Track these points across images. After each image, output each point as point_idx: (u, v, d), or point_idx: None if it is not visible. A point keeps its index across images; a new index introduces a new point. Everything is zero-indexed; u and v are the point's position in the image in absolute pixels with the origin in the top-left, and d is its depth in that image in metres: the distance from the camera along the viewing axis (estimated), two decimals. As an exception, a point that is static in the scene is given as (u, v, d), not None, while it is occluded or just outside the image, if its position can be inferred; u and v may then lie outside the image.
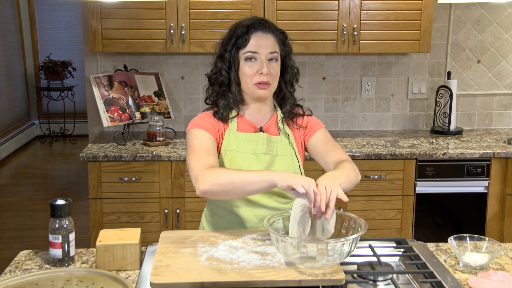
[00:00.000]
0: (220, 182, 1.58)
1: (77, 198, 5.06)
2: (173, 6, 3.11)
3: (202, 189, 1.59)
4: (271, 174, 1.56)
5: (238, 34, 1.80)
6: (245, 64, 1.80)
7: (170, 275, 1.40)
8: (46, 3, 7.92)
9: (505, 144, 3.31)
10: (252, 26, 1.80)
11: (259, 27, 1.80)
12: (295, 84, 1.94)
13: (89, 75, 3.33)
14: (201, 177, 1.60)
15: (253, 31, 1.80)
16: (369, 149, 3.15)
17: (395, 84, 3.69)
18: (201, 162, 1.66)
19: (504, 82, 3.75)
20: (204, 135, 1.78)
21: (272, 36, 1.81)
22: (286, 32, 1.88)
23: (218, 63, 1.85)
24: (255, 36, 1.79)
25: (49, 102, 7.54)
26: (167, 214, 3.05)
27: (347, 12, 3.19)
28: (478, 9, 3.63)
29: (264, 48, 1.78)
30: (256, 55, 1.79)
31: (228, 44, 1.82)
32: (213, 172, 1.60)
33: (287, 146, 1.86)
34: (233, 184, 1.57)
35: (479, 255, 1.63)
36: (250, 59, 1.79)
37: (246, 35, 1.79)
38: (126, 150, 3.04)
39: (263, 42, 1.79)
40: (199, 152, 1.71)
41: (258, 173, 1.59)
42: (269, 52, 1.79)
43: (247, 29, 1.80)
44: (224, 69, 1.83)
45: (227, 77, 1.84)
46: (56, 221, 1.59)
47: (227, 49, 1.82)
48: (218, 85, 1.87)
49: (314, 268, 1.42)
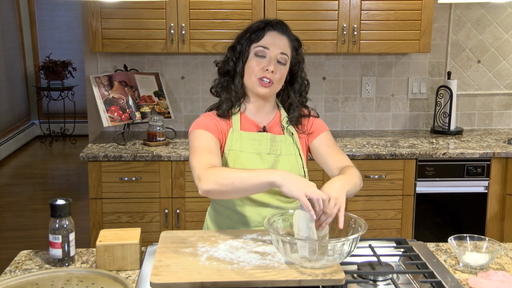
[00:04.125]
0: (220, 181, 1.57)
1: (77, 198, 5.06)
2: (173, 6, 3.11)
3: (204, 188, 1.58)
4: (271, 175, 1.54)
5: (253, 29, 1.83)
6: (254, 59, 1.81)
7: (170, 275, 1.40)
8: (46, 3, 7.92)
9: (505, 144, 3.31)
10: (270, 24, 1.82)
11: (277, 26, 1.82)
12: (305, 96, 1.93)
13: (89, 75, 3.33)
14: (203, 176, 1.59)
15: (269, 29, 1.82)
16: (369, 149, 3.15)
17: (395, 84, 3.69)
18: (203, 161, 1.66)
19: (504, 82, 3.75)
20: (206, 135, 1.78)
21: (287, 39, 1.83)
22: (301, 41, 1.89)
23: (228, 53, 1.87)
24: (270, 34, 1.81)
25: (49, 102, 7.54)
26: (167, 214, 3.05)
27: (347, 12, 3.19)
28: (478, 9, 3.63)
29: (276, 46, 1.79)
30: (266, 51, 1.79)
31: (243, 37, 1.84)
32: (215, 172, 1.59)
33: (291, 145, 1.86)
34: (233, 185, 1.56)
35: (479, 255, 1.63)
36: (260, 55, 1.80)
37: (262, 31, 1.81)
38: (126, 150, 3.04)
39: (276, 41, 1.80)
40: (202, 152, 1.71)
41: (258, 174, 1.56)
42: (279, 52, 1.80)
43: (264, 25, 1.82)
44: (232, 59, 1.85)
45: (233, 67, 1.85)
46: (56, 221, 1.59)
47: (240, 41, 1.84)
48: (223, 74, 1.88)
49: (314, 268, 1.42)
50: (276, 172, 1.55)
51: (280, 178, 1.52)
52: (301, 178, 1.53)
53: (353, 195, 1.68)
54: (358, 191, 1.73)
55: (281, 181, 1.51)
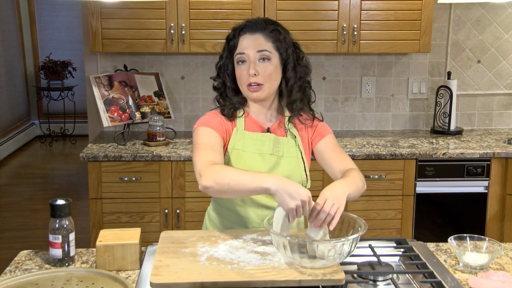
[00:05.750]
0: (218, 180, 1.57)
1: (77, 198, 5.06)
2: (173, 6, 3.11)
3: (204, 184, 1.58)
4: (266, 182, 1.51)
5: (229, 38, 1.82)
6: (237, 68, 1.80)
7: (170, 275, 1.40)
8: (46, 3, 7.92)
9: (505, 144, 3.31)
10: (240, 29, 1.80)
11: (247, 28, 1.79)
12: (306, 78, 1.85)
13: (89, 75, 3.33)
14: (204, 173, 1.60)
15: (241, 34, 1.79)
16: (369, 149, 3.15)
17: (395, 84, 3.69)
18: (205, 158, 1.66)
19: (504, 82, 3.75)
20: (210, 133, 1.78)
21: (262, 35, 1.78)
22: (282, 28, 1.82)
23: (219, 72, 1.87)
24: (242, 38, 1.79)
25: (49, 102, 7.54)
26: (167, 214, 3.05)
27: (347, 12, 3.19)
28: (478, 9, 3.63)
29: (251, 48, 1.77)
30: (244, 56, 1.78)
31: (224, 50, 1.84)
32: (215, 170, 1.59)
33: (294, 147, 1.86)
34: (229, 185, 1.56)
35: (479, 255, 1.63)
36: (241, 62, 1.79)
37: (235, 39, 1.80)
38: (126, 150, 3.04)
39: (249, 43, 1.77)
40: (205, 149, 1.71)
41: (254, 178, 1.54)
42: (256, 51, 1.76)
43: (235, 33, 1.81)
44: (222, 77, 1.85)
45: (221, 82, 1.86)
46: (56, 221, 1.59)
47: (222, 55, 1.85)
48: (216, 90, 1.89)
49: (314, 268, 1.42)
50: (272, 179, 1.52)
51: (274, 187, 1.50)
52: (295, 187, 1.49)
53: (355, 198, 1.68)
54: (361, 194, 1.72)
55: (275, 190, 1.50)
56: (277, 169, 1.82)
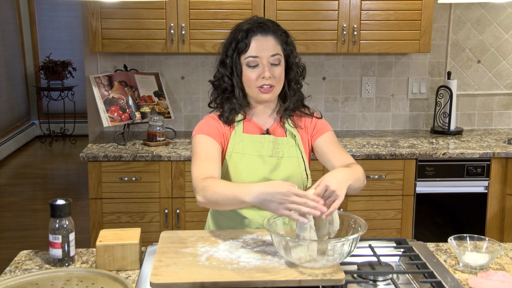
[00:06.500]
0: (208, 198, 1.61)
1: (77, 198, 5.06)
2: (173, 6, 3.11)
3: (198, 200, 1.65)
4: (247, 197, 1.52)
5: (238, 39, 1.78)
6: (248, 70, 1.78)
7: (170, 275, 1.40)
8: (46, 3, 7.92)
9: (505, 144, 3.31)
10: (251, 30, 1.78)
11: (258, 30, 1.78)
12: (301, 81, 1.90)
13: (89, 75, 3.33)
14: (197, 189, 1.66)
15: (252, 35, 1.77)
16: (369, 149, 3.15)
17: (395, 84, 3.69)
18: (200, 171, 1.70)
19: (504, 82, 3.75)
20: (207, 141, 1.78)
21: (273, 37, 1.79)
22: (287, 31, 1.86)
23: (220, 69, 1.84)
24: (255, 40, 1.77)
25: (49, 102, 7.54)
26: (167, 214, 3.05)
27: (347, 12, 3.19)
28: (478, 9, 3.63)
29: (265, 51, 1.77)
30: (257, 59, 1.77)
31: (229, 49, 1.81)
32: (205, 186, 1.63)
33: (293, 147, 1.86)
34: (217, 202, 1.61)
35: (479, 255, 1.63)
36: (253, 66, 1.77)
37: (246, 40, 1.77)
38: (126, 150, 3.04)
39: (263, 45, 1.77)
40: (201, 159, 1.74)
41: (237, 194, 1.54)
42: (270, 55, 1.77)
43: (246, 34, 1.78)
44: (226, 75, 1.82)
45: (230, 83, 1.83)
46: (56, 221, 1.59)
47: (228, 54, 1.81)
48: (221, 91, 1.86)
49: (314, 268, 1.43)
50: (252, 192, 1.51)
51: (255, 200, 1.51)
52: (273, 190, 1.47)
53: (356, 191, 1.68)
54: (362, 187, 1.72)
55: (258, 203, 1.51)
56: (278, 171, 1.82)
